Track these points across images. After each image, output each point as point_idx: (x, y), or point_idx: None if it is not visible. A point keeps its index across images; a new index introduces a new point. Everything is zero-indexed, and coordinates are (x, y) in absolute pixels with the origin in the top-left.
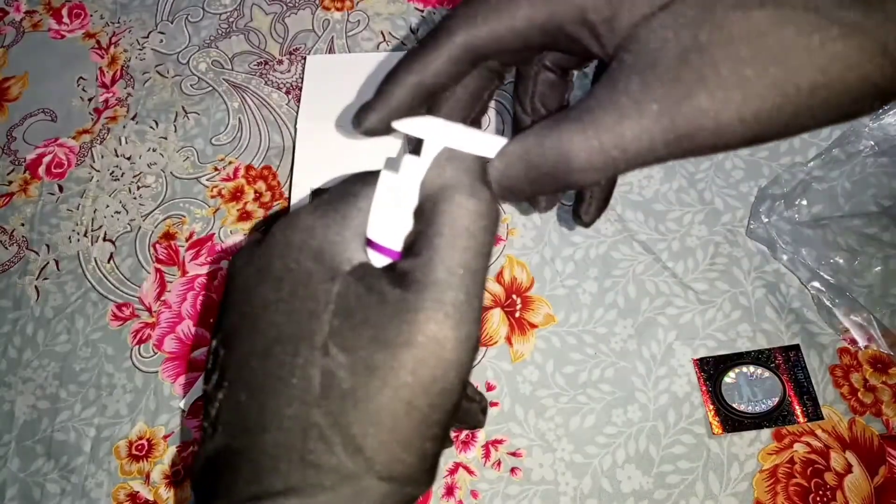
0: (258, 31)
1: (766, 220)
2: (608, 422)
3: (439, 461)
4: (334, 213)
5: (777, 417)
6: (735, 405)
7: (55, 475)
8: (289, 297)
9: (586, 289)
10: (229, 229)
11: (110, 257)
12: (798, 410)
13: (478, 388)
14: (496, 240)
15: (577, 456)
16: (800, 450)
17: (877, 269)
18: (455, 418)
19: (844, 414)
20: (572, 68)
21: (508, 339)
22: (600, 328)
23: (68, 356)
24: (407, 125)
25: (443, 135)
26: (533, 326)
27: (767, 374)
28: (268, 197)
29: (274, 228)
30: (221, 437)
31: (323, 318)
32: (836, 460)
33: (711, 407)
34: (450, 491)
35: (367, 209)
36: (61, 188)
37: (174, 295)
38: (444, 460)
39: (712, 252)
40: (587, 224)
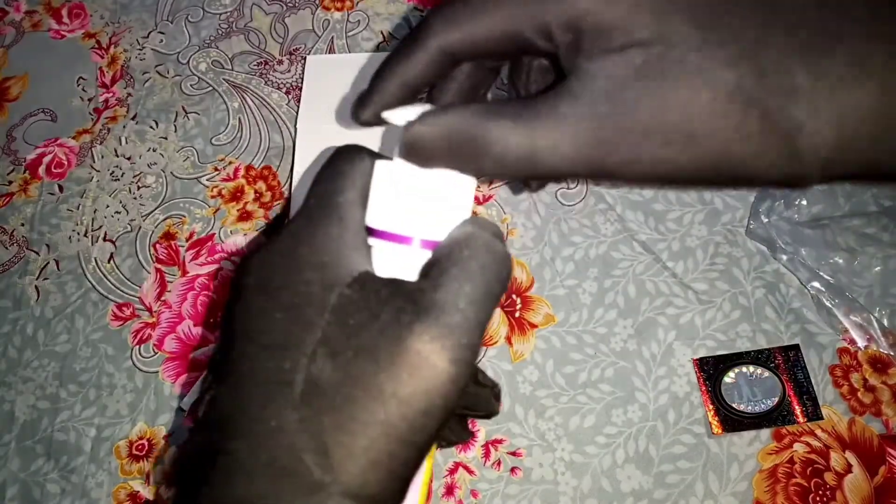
0: (258, 31)
1: (766, 219)
2: (608, 422)
3: (409, 485)
4: (329, 217)
5: (777, 417)
6: (735, 405)
7: (55, 475)
8: (286, 307)
9: (586, 289)
10: (229, 229)
11: (110, 257)
12: (798, 410)
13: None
14: (507, 291)
15: (576, 456)
16: (799, 450)
17: (876, 269)
18: (466, 407)
19: (844, 414)
20: None
21: (508, 339)
22: (600, 328)
23: (68, 356)
24: (396, 115)
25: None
26: (533, 326)
27: (767, 374)
28: (268, 197)
29: (273, 241)
30: (203, 436)
31: (316, 327)
32: (835, 460)
33: (711, 407)
34: (450, 490)
35: (357, 202)
36: (61, 188)
37: (174, 295)
38: (443, 460)
39: (712, 252)
40: (532, 186)
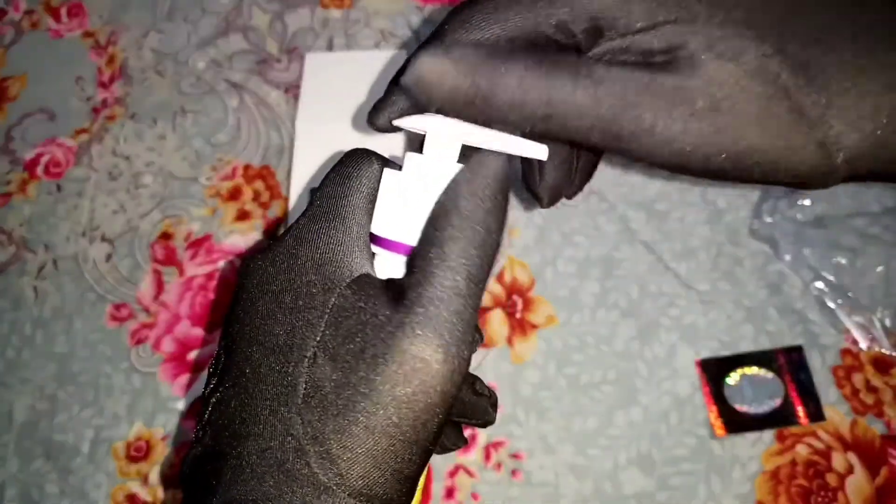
0: (257, 30)
1: (769, 220)
2: (610, 423)
3: (417, 483)
4: (333, 220)
5: (779, 419)
6: (737, 406)
7: (54, 476)
8: (289, 309)
9: (588, 289)
10: (227, 229)
11: (108, 257)
12: (800, 411)
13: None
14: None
15: (578, 458)
16: (802, 451)
17: (879, 269)
18: (462, 414)
19: (847, 415)
20: None
21: (509, 341)
22: (602, 329)
23: (66, 357)
24: (409, 122)
25: (446, 132)
26: (534, 327)
27: (770, 375)
28: (266, 196)
29: (277, 243)
30: (209, 439)
31: (317, 329)
32: (837, 461)
33: (714, 408)
34: (450, 493)
35: (363, 207)
36: (59, 188)
37: (172, 295)
38: (444, 462)
39: (715, 252)
40: (543, 202)
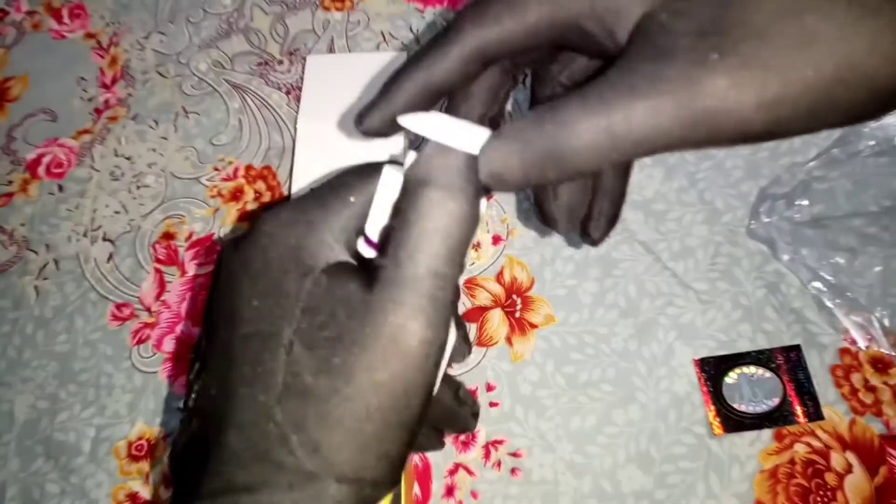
0: (258, 32)
1: (767, 219)
2: (608, 422)
3: (404, 463)
4: (320, 208)
5: (778, 418)
6: (736, 405)
7: (55, 475)
8: (264, 292)
9: (587, 289)
10: (229, 229)
11: (110, 257)
12: (799, 411)
13: (474, 391)
14: (472, 244)
15: (577, 456)
16: (800, 450)
17: (877, 269)
18: (442, 420)
19: (845, 414)
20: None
21: (509, 340)
22: (601, 328)
23: (68, 356)
24: (411, 121)
25: (447, 131)
26: (533, 326)
27: (768, 374)
28: (268, 197)
29: (258, 220)
30: (194, 427)
31: (292, 316)
32: (836, 460)
33: (712, 407)
34: (450, 491)
35: (360, 203)
36: (61, 188)
37: (174, 295)
38: (443, 461)
39: (713, 252)
40: (595, 241)
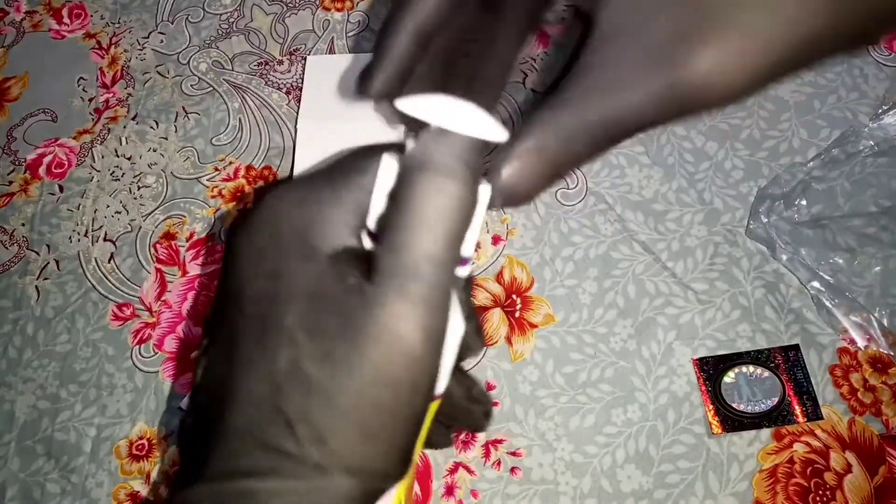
0: (258, 32)
1: (766, 220)
2: (608, 421)
3: (412, 454)
4: (329, 189)
5: (777, 417)
6: (735, 405)
7: (55, 475)
8: (268, 273)
9: (586, 289)
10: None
11: (111, 257)
12: (798, 410)
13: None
14: (470, 227)
15: (576, 455)
16: (799, 450)
17: (876, 269)
18: (453, 417)
19: (844, 414)
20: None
21: (508, 339)
22: (600, 328)
23: (69, 356)
24: (408, 104)
25: (445, 114)
26: (533, 326)
27: (767, 374)
28: None
29: (266, 195)
30: (201, 405)
31: (295, 302)
32: (835, 460)
33: (711, 407)
34: (450, 490)
35: (364, 189)
36: (62, 188)
37: (175, 295)
38: (443, 460)
39: (712, 252)
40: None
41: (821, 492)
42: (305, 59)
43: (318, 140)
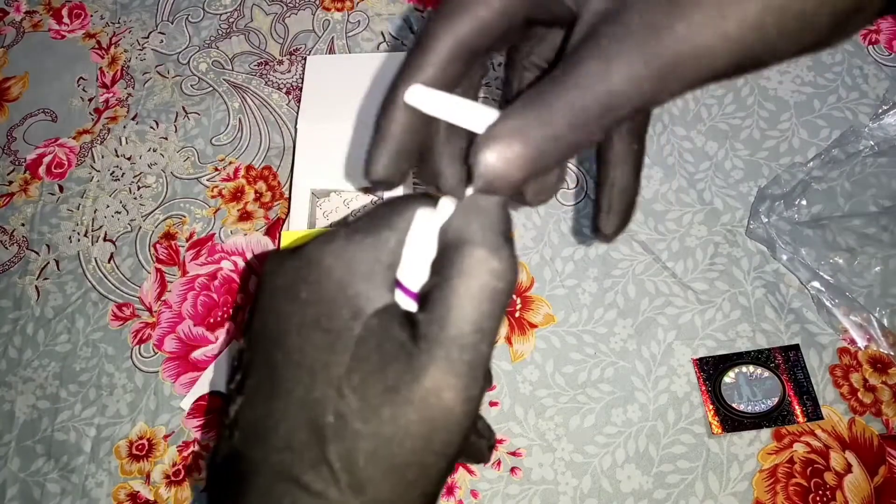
0: (258, 32)
1: (766, 220)
2: (608, 421)
3: (438, 497)
4: (365, 244)
5: (777, 417)
6: (735, 405)
7: (55, 475)
8: (314, 327)
9: (586, 289)
10: (230, 229)
11: (111, 257)
12: (798, 410)
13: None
14: (511, 302)
15: (576, 455)
16: (799, 450)
17: (876, 269)
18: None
19: (844, 414)
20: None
21: (508, 339)
22: (600, 328)
23: (68, 356)
24: (419, 98)
25: (454, 111)
26: (533, 326)
27: (767, 373)
28: (268, 197)
29: (309, 246)
30: (237, 442)
31: (341, 357)
32: (835, 460)
33: (711, 407)
34: (450, 490)
35: (398, 242)
36: (62, 188)
37: (174, 295)
38: None
39: (712, 252)
40: (608, 237)
41: (821, 492)
42: (305, 59)
43: (317, 140)
